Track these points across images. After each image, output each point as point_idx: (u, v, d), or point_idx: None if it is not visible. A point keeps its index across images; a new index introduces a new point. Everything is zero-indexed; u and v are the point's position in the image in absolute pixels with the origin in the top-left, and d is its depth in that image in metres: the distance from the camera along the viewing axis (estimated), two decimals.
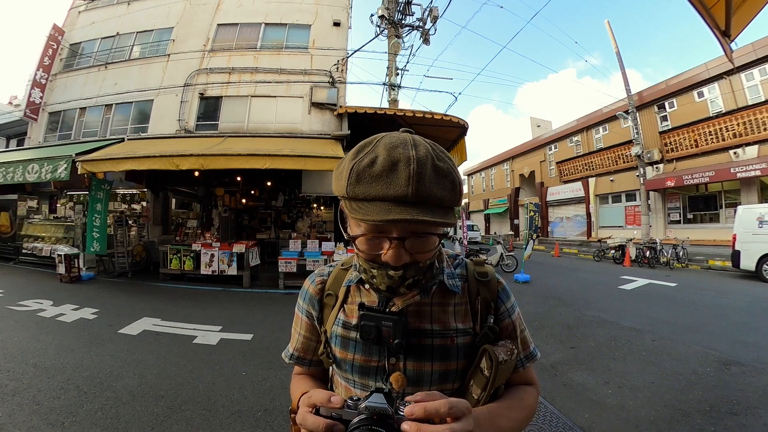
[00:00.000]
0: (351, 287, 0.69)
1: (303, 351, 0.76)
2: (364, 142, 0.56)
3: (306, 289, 0.75)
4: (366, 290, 0.67)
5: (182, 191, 11.21)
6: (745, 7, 2.45)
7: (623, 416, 2.50)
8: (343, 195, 0.54)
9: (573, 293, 6.89)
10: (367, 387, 0.65)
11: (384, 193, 0.49)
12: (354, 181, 0.51)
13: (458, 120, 8.38)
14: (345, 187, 0.53)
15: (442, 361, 0.62)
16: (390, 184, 0.49)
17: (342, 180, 0.54)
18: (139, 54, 10.59)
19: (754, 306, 5.80)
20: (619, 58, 14.28)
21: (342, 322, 0.67)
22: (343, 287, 0.70)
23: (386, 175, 0.50)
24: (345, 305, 0.69)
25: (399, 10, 9.40)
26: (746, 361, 3.43)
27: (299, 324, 0.76)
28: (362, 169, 0.51)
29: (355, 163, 0.52)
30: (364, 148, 0.54)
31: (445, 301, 0.66)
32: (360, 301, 0.66)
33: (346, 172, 0.53)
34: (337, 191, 0.56)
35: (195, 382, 2.86)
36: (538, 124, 28.68)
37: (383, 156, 0.51)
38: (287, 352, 0.78)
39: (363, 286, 0.67)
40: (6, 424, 2.18)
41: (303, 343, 0.75)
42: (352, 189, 0.52)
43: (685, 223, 14.27)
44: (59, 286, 6.42)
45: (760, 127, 11.36)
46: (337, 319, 0.68)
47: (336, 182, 0.57)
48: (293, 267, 6.79)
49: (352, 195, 0.52)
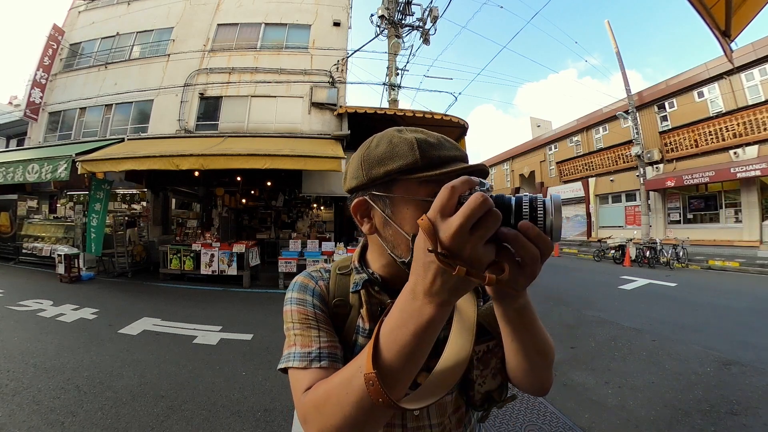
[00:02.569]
0: (360, 292, 0.64)
1: (332, 345, 0.58)
2: (380, 136, 0.58)
3: (311, 287, 0.64)
4: (375, 292, 0.63)
5: (182, 191, 11.22)
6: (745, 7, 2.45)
7: (623, 416, 2.50)
8: (412, 166, 0.52)
9: (573, 293, 6.88)
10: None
11: (453, 154, 0.54)
12: (427, 147, 0.53)
13: (458, 120, 8.39)
14: (416, 157, 0.52)
15: None
16: (451, 149, 0.55)
17: (402, 154, 0.53)
18: (139, 54, 10.59)
19: (754, 306, 5.80)
20: (619, 58, 14.27)
21: (362, 330, 0.62)
22: (351, 293, 0.64)
23: (445, 143, 0.56)
24: (360, 311, 0.63)
25: (399, 10, 9.41)
26: (746, 361, 3.43)
27: (311, 317, 0.60)
28: (423, 140, 0.54)
29: (415, 138, 0.54)
30: (400, 130, 0.57)
31: None
32: (370, 305, 0.63)
33: (406, 146, 0.53)
34: (399, 165, 0.52)
35: (195, 382, 2.86)
36: (538, 124, 28.69)
37: (427, 133, 0.56)
38: (307, 355, 0.55)
39: (373, 288, 0.64)
40: (6, 424, 2.18)
41: (329, 334, 0.59)
42: (428, 153, 0.52)
43: (685, 223, 14.26)
44: (59, 286, 6.42)
45: (760, 127, 11.35)
46: (357, 328, 0.62)
47: (389, 161, 0.53)
48: (293, 267, 6.79)
49: (426, 162, 0.52)
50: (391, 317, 0.44)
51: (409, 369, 0.43)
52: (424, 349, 0.43)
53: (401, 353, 0.42)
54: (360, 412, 0.43)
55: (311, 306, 0.61)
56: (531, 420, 2.44)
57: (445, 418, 0.63)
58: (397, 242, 0.55)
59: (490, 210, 0.38)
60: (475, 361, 0.61)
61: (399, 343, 0.42)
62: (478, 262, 0.39)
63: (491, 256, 0.40)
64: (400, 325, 0.42)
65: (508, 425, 2.37)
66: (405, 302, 0.43)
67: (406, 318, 0.42)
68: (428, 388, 0.51)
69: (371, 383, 0.41)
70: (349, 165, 0.61)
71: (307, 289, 0.64)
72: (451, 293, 0.40)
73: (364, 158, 0.56)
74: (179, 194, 11.40)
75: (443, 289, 0.40)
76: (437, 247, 0.38)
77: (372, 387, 0.41)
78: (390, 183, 0.54)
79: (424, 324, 0.41)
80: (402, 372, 0.43)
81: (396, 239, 0.55)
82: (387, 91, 9.79)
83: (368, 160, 0.55)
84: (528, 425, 2.38)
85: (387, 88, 9.78)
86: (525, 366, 0.59)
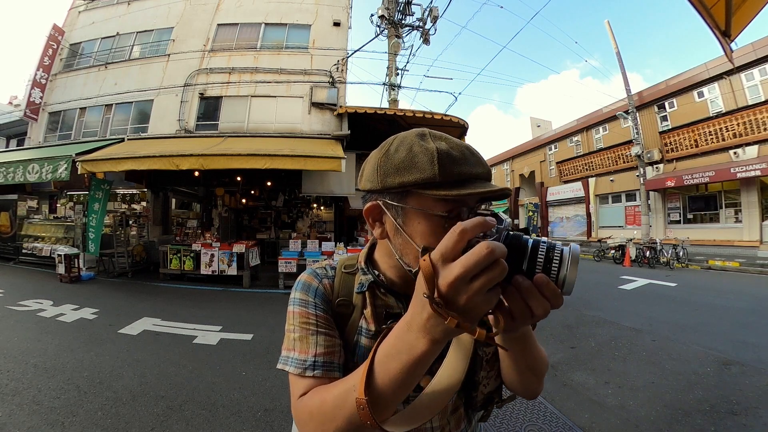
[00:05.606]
0: (365, 293, 0.64)
1: (329, 353, 0.58)
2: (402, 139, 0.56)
3: (314, 287, 0.63)
4: (381, 294, 0.63)
5: (182, 191, 11.22)
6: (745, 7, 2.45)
7: (623, 416, 2.50)
8: (429, 181, 0.50)
9: (573, 293, 6.83)
10: None
11: (476, 171, 0.53)
12: (448, 162, 0.50)
13: (458, 120, 8.38)
14: (435, 172, 0.50)
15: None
16: (475, 164, 0.53)
17: (421, 167, 0.50)
18: (139, 54, 10.59)
19: (754, 306, 5.80)
20: (619, 58, 14.27)
21: (365, 331, 0.62)
22: (356, 294, 0.64)
23: (469, 156, 0.53)
24: (364, 312, 0.63)
25: (399, 10, 9.41)
26: (746, 361, 3.43)
27: (312, 321, 0.60)
28: (445, 153, 0.51)
29: (437, 149, 0.51)
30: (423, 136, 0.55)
31: None
32: (375, 307, 0.63)
33: (425, 158, 0.51)
34: (415, 178, 0.51)
35: (195, 382, 2.86)
36: (538, 124, 28.66)
37: (452, 143, 0.54)
38: (302, 362, 0.56)
39: (379, 290, 0.63)
40: (6, 424, 2.18)
41: (327, 341, 0.59)
42: (448, 169, 0.50)
43: (685, 223, 14.25)
44: (59, 286, 6.42)
45: (760, 127, 11.36)
46: (360, 329, 0.62)
47: (405, 172, 0.52)
48: (293, 267, 6.79)
49: (445, 178, 0.50)
50: (387, 342, 0.46)
51: (399, 396, 0.46)
52: (414, 379, 0.45)
53: (392, 383, 0.44)
54: (349, 427, 0.47)
55: (313, 307, 0.61)
56: (531, 420, 2.44)
57: (444, 420, 0.63)
58: (406, 251, 0.55)
59: (497, 261, 0.37)
60: (484, 363, 0.62)
61: (391, 373, 0.44)
62: (472, 313, 0.39)
63: (489, 306, 0.40)
64: (394, 355, 0.44)
65: (508, 425, 2.37)
66: (401, 331, 0.44)
67: (400, 348, 0.44)
68: (416, 410, 0.52)
69: (362, 407, 0.43)
70: (366, 164, 0.60)
71: (309, 288, 0.63)
72: (444, 334, 0.41)
73: (381, 163, 0.55)
74: (179, 194, 11.40)
75: (436, 330, 0.41)
76: (434, 293, 0.38)
77: (362, 411, 0.44)
78: (404, 194, 0.53)
79: (416, 358, 0.42)
80: (391, 399, 0.45)
81: (405, 249, 0.55)
82: (387, 91, 9.79)
83: (384, 166, 0.54)
84: (528, 425, 2.38)
85: (387, 88, 9.78)
86: (516, 378, 0.62)
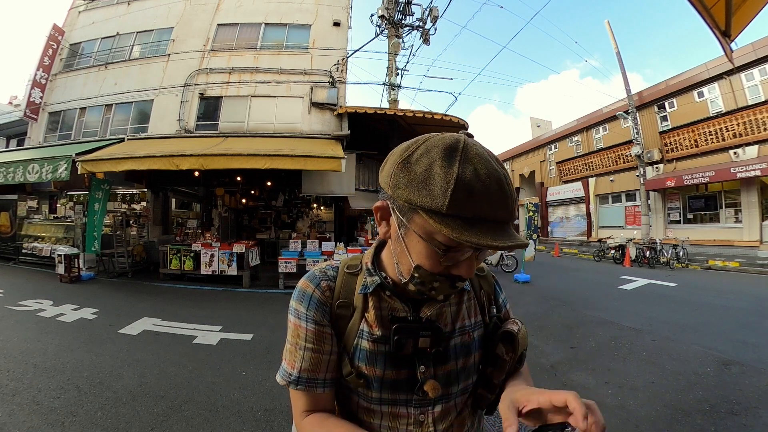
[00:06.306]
0: (367, 295, 0.62)
1: (313, 369, 0.60)
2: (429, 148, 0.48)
3: (308, 294, 0.62)
4: (387, 297, 0.62)
5: (182, 191, 11.22)
6: (745, 7, 2.45)
7: (623, 416, 2.50)
8: (435, 210, 0.45)
9: (573, 293, 6.88)
10: (396, 403, 0.61)
11: (494, 214, 0.46)
12: (464, 197, 0.44)
13: (458, 120, 8.39)
14: (443, 204, 0.44)
15: (465, 357, 0.65)
16: (496, 204, 0.46)
17: (432, 193, 0.45)
18: (139, 54, 10.59)
19: (754, 306, 5.80)
20: (619, 58, 14.27)
21: (366, 335, 0.61)
22: (358, 295, 0.63)
23: (494, 193, 0.46)
24: (365, 314, 0.62)
25: (399, 10, 9.41)
26: (746, 361, 3.43)
27: (302, 335, 0.61)
28: (464, 185, 0.44)
29: (456, 178, 0.44)
30: (452, 154, 0.47)
31: (460, 300, 0.68)
32: (380, 309, 0.62)
33: (440, 184, 0.45)
34: (421, 202, 0.46)
35: (195, 382, 2.86)
36: (538, 124, 28.65)
37: (482, 171, 0.46)
38: (288, 376, 0.61)
39: (384, 292, 0.62)
40: (6, 424, 2.18)
41: (312, 358, 0.60)
42: (459, 204, 0.44)
43: (685, 223, 14.26)
44: (59, 286, 6.42)
45: (760, 127, 11.36)
46: (360, 332, 0.61)
47: (414, 191, 0.47)
48: (293, 267, 6.79)
49: (453, 213, 0.45)
50: None
51: None
52: None
53: None
54: None
55: (304, 320, 0.61)
56: None
57: (448, 422, 0.64)
58: (401, 260, 0.56)
59: None
60: (507, 367, 0.63)
61: None
62: None
63: None
64: None
65: None
66: None
67: None
68: None
69: None
70: (388, 159, 0.54)
71: (304, 297, 0.63)
72: None
73: (397, 169, 0.50)
74: (179, 194, 11.40)
75: None
76: None
77: None
78: (410, 210, 0.50)
79: None
80: None
81: (401, 258, 0.55)
82: (387, 91, 9.79)
83: (398, 174, 0.49)
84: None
85: (387, 88, 9.78)
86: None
